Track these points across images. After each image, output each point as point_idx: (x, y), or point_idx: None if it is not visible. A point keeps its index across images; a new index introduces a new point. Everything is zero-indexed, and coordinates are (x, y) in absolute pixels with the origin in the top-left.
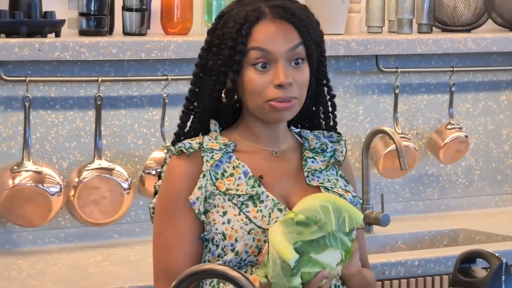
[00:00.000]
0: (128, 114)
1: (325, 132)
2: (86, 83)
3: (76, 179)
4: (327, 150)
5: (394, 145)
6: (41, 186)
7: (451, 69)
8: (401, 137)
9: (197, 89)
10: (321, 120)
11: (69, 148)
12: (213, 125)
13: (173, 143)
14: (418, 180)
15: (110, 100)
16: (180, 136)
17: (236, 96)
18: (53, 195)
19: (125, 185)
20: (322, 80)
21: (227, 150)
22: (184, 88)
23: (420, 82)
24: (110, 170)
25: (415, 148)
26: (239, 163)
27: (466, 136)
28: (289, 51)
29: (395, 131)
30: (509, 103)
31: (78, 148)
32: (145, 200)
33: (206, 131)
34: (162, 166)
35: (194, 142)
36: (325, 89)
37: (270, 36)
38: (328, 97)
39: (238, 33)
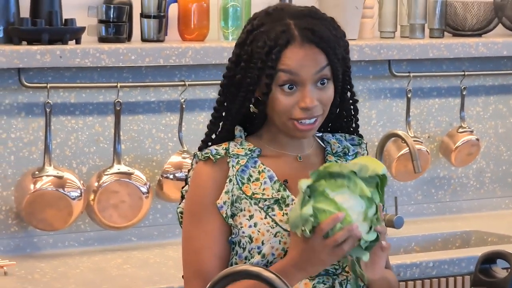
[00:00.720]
0: (146, 119)
1: (346, 135)
2: (105, 89)
3: (96, 184)
4: (349, 154)
5: (407, 149)
6: (62, 191)
7: (462, 73)
8: (414, 141)
9: (225, 100)
10: (343, 123)
11: (88, 153)
12: (238, 131)
13: (200, 150)
14: (430, 183)
15: (128, 106)
16: (207, 143)
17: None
18: (73, 199)
19: (144, 189)
20: (346, 86)
21: (252, 155)
22: (200, 93)
23: (431, 86)
24: (129, 175)
25: (427, 151)
26: (265, 168)
27: (477, 139)
28: (316, 74)
29: (408, 134)
30: None
31: (97, 153)
32: (163, 204)
33: (232, 137)
34: (188, 171)
35: (220, 148)
36: (349, 94)
37: (299, 61)
38: (351, 101)
39: (267, 56)
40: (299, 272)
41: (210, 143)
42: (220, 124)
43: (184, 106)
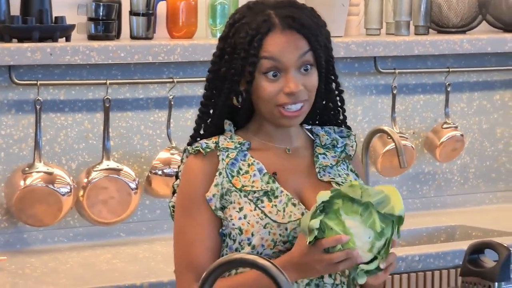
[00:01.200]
0: (134, 116)
1: (335, 127)
2: (94, 86)
3: (85, 180)
4: (338, 146)
5: (393, 144)
6: (51, 187)
7: (447, 69)
8: (399, 136)
9: (211, 94)
10: (330, 115)
11: (77, 150)
12: (228, 125)
13: (189, 145)
14: (414, 178)
15: (117, 103)
16: (195, 138)
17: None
18: (63, 195)
19: (133, 185)
20: (331, 77)
21: (242, 148)
22: (188, 90)
23: (416, 83)
24: (118, 171)
25: (413, 147)
26: (254, 161)
27: (462, 135)
28: (298, 59)
29: (394, 130)
30: (502, 103)
31: (86, 150)
32: (151, 199)
33: (221, 131)
34: (179, 166)
35: (210, 142)
36: (334, 85)
37: (281, 47)
38: (336, 92)
39: (250, 45)
40: (295, 271)
41: (199, 138)
42: (208, 118)
43: (172, 103)
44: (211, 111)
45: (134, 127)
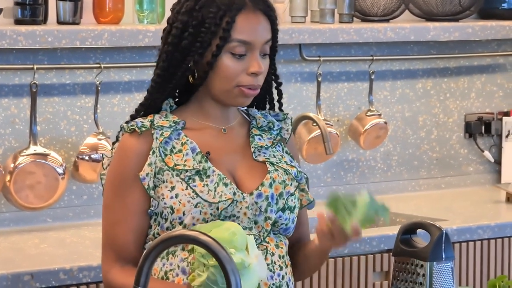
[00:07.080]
0: (61, 101)
1: (271, 111)
2: (20, 71)
3: (12, 165)
4: (274, 128)
5: (318, 131)
6: None
7: (371, 57)
8: (325, 123)
9: (168, 66)
10: (266, 102)
11: (4, 135)
12: (165, 104)
13: (131, 119)
14: (339, 165)
15: (43, 88)
16: (140, 111)
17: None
18: None
19: (60, 170)
20: (272, 68)
21: (176, 127)
22: (115, 76)
23: (340, 71)
24: (45, 156)
25: (337, 134)
26: (187, 140)
27: (385, 123)
28: (264, 44)
29: (319, 117)
30: (425, 91)
31: (13, 135)
32: (78, 185)
33: (157, 110)
34: (114, 143)
35: (146, 121)
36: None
37: (253, 27)
38: (275, 85)
39: (221, 20)
40: None
41: (143, 112)
42: (163, 90)
43: (99, 88)
44: (167, 83)
45: (61, 112)
